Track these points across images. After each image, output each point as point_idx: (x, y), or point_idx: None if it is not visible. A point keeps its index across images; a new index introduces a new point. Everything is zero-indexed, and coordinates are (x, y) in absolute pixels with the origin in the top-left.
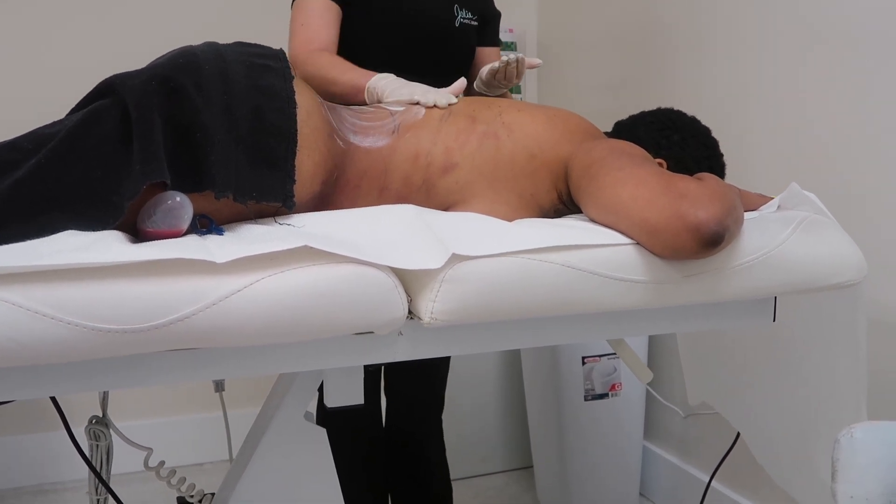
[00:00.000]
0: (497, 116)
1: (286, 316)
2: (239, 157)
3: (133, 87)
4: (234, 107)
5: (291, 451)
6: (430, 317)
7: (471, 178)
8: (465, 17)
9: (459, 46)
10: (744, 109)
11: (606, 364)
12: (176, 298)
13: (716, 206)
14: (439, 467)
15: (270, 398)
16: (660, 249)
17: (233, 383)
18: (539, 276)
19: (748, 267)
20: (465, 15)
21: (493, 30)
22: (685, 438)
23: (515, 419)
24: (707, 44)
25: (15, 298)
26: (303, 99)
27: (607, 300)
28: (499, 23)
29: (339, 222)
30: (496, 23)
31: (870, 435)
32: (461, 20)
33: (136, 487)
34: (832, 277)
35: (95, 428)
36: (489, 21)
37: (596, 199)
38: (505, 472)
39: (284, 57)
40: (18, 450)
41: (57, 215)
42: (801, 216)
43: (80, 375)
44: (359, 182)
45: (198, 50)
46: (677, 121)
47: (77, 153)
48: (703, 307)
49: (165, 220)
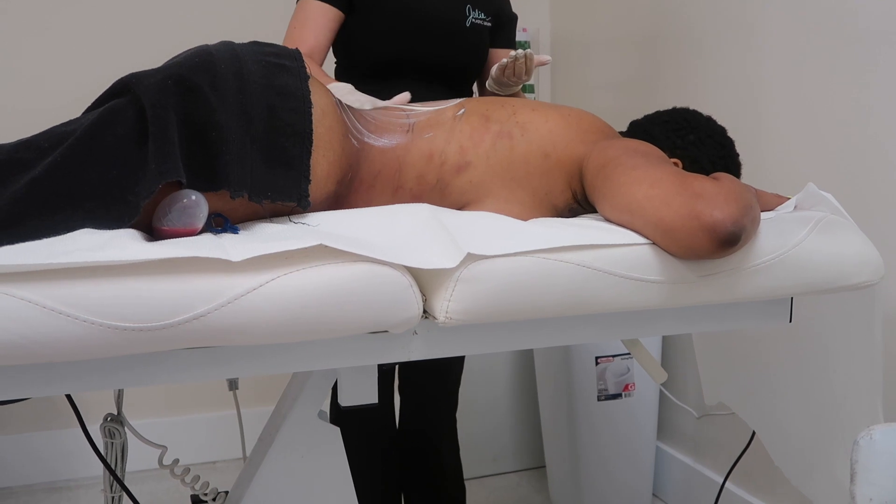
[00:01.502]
0: (511, 116)
1: (301, 314)
2: (254, 157)
3: (149, 86)
4: (250, 106)
5: (305, 450)
6: (445, 316)
7: (485, 177)
8: (476, 17)
9: (469, 47)
10: (760, 108)
11: (620, 364)
12: (191, 297)
13: (732, 206)
14: (452, 467)
15: (284, 397)
16: (675, 249)
17: (247, 382)
18: (554, 275)
19: (765, 267)
20: (478, 15)
21: (508, 32)
22: (699, 439)
23: (528, 419)
24: (721, 42)
25: (31, 296)
26: (318, 98)
27: (622, 300)
28: (515, 25)
29: (354, 221)
30: (512, 25)
31: (889, 437)
32: (472, 20)
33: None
34: (849, 278)
35: (110, 426)
36: (504, 23)
37: (611, 199)
38: (517, 471)
39: (300, 56)
40: (33, 447)
41: (72, 214)
42: (817, 216)
43: (95, 373)
44: (373, 181)
45: (213, 49)
46: (692, 120)
47: (93, 152)
48: (719, 307)
49: (181, 219)
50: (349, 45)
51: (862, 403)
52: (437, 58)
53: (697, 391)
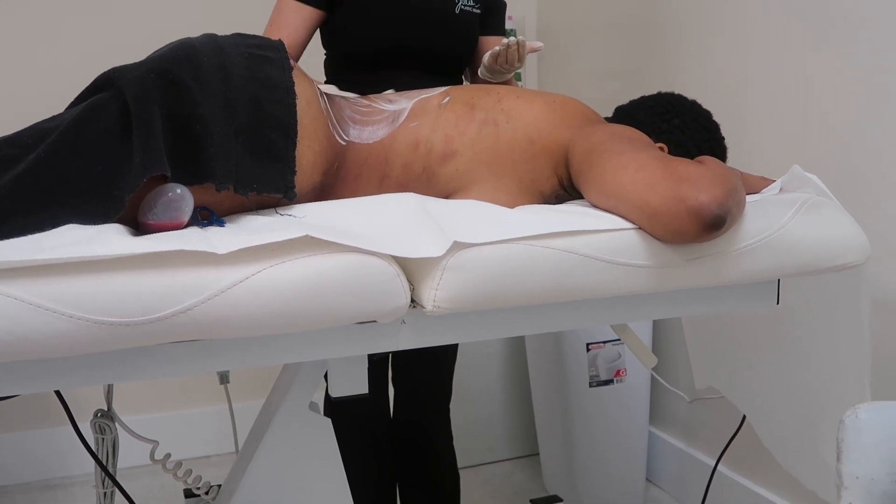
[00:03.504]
0: (496, 103)
1: (289, 306)
2: (239, 149)
3: (132, 80)
4: (234, 98)
5: (297, 442)
6: (433, 305)
7: (471, 165)
8: (466, 4)
9: (460, 34)
10: (745, 93)
11: (611, 350)
12: (178, 290)
13: (717, 188)
14: (447, 456)
15: (275, 389)
16: (661, 233)
17: (237, 375)
18: (541, 262)
19: (751, 250)
20: (467, 2)
21: (497, 19)
22: (690, 423)
23: (521, 407)
24: (708, 29)
25: (17, 293)
26: (302, 89)
27: (610, 285)
28: (504, 12)
29: (341, 212)
30: (502, 12)
31: (874, 415)
32: (462, 6)
33: (144, 481)
34: (835, 259)
35: (101, 421)
36: (493, 10)
37: (596, 184)
38: (511, 459)
39: (283, 48)
40: (26, 445)
41: (57, 210)
42: (803, 198)
43: (83, 369)
44: (359, 171)
45: (196, 42)
46: (677, 104)
47: (77, 147)
48: (707, 291)
49: (166, 213)
50: (338, 35)
51: (849, 384)
52: (427, 46)
53: (689, 376)
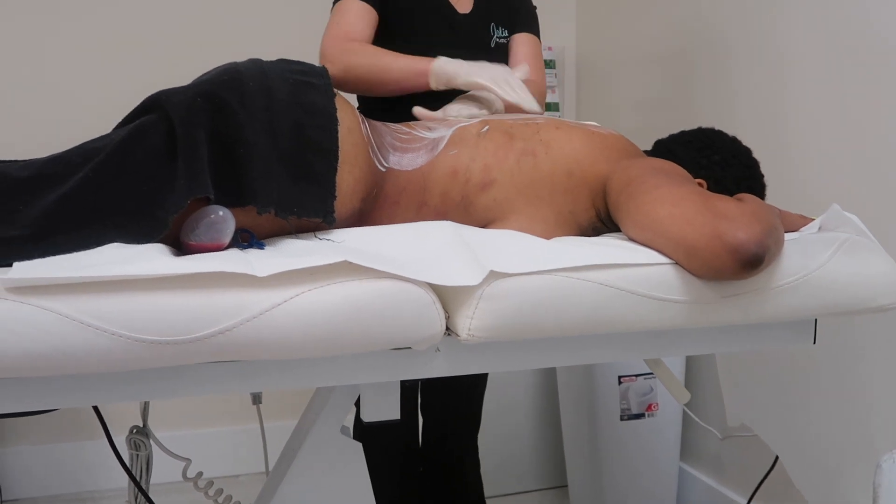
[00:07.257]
0: (535, 133)
1: (325, 330)
2: (281, 173)
3: (178, 102)
4: (277, 123)
5: (327, 465)
6: (468, 333)
7: (509, 195)
8: (500, 35)
9: None
10: (784, 128)
11: (643, 384)
12: (217, 311)
13: (756, 226)
14: (474, 485)
15: (307, 412)
16: (698, 269)
17: (270, 396)
18: (577, 294)
19: (788, 288)
20: (502, 34)
21: (523, 18)
22: (722, 460)
23: (550, 438)
24: (747, 60)
25: (61, 308)
26: (344, 116)
27: (645, 319)
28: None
29: (378, 238)
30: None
31: None
32: (496, 40)
33: (174, 498)
34: (873, 300)
35: (136, 438)
36: (517, 9)
37: (634, 218)
38: (539, 490)
39: (327, 74)
40: (57, 458)
41: (102, 228)
42: (842, 237)
43: (122, 385)
44: (398, 198)
45: (242, 67)
46: (717, 141)
47: (123, 168)
48: (742, 328)
49: (208, 234)
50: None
51: (886, 426)
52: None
53: (721, 412)
